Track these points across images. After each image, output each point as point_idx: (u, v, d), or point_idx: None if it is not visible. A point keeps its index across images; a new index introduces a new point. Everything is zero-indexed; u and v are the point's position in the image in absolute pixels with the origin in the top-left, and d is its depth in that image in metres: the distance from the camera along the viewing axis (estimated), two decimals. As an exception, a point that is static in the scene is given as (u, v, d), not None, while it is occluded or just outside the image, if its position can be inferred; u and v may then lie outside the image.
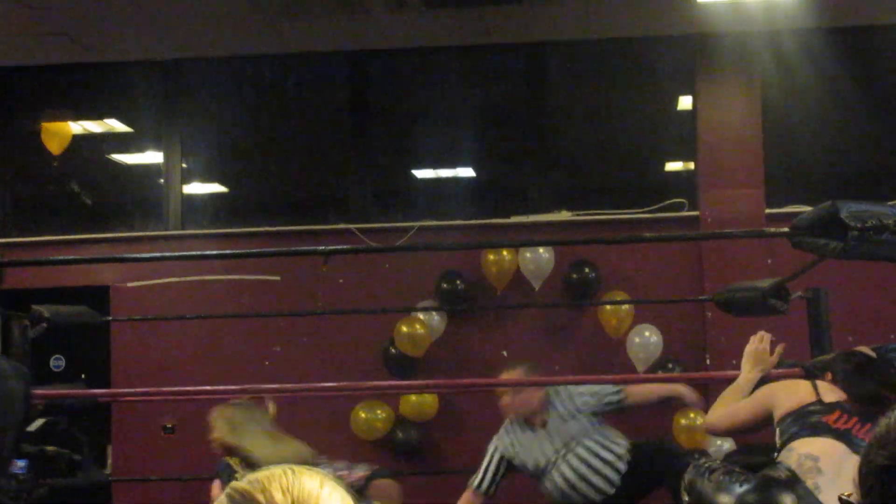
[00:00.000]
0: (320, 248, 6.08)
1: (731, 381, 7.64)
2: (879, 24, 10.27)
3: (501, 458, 7.12)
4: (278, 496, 1.79)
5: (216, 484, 6.83)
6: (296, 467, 1.86)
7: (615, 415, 7.35)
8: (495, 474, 7.13)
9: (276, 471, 1.84)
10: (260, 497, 1.79)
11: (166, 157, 10.99)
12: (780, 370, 5.59)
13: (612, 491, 6.95)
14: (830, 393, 4.76)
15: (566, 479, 6.95)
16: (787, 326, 8.92)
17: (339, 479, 1.89)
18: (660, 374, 9.67)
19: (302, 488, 1.81)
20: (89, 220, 10.97)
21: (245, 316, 9.98)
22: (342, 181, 11.00)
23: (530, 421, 7.08)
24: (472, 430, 10.01)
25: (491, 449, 7.19)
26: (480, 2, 9.51)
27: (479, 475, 7.16)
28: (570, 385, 7.19)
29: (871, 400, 4.54)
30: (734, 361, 9.27)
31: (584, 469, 6.94)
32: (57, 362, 10.74)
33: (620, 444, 7.07)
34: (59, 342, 10.20)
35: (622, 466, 6.99)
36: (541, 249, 9.98)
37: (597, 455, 6.97)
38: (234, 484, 1.84)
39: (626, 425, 9.93)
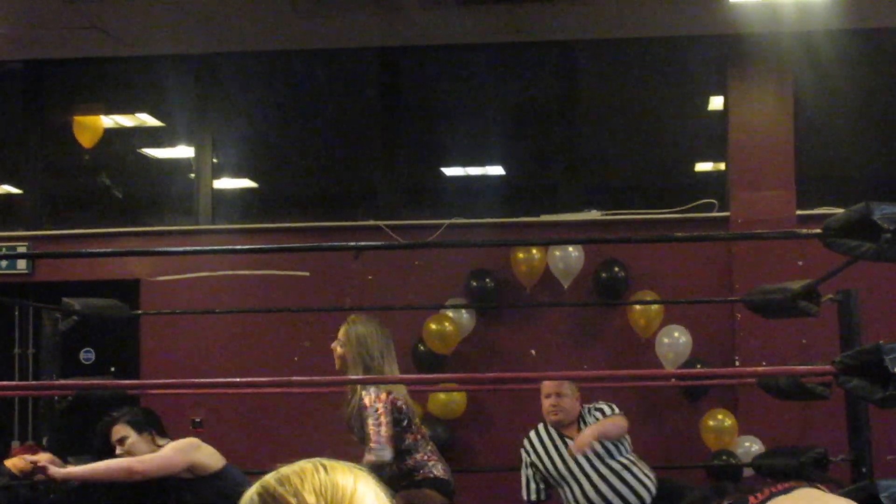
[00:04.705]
0: (351, 243, 6.08)
1: (759, 381, 7.63)
2: (913, 26, 10.22)
3: (527, 463, 7.06)
4: (311, 499, 1.72)
5: None
6: (327, 462, 1.79)
7: None
8: (531, 480, 7.08)
9: (308, 467, 1.77)
10: (292, 500, 1.73)
11: (197, 151, 11.02)
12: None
13: None
14: None
15: (587, 497, 6.83)
16: (817, 329, 8.91)
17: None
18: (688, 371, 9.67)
19: (336, 487, 1.74)
20: (120, 214, 11.02)
21: (274, 311, 9.98)
22: (372, 178, 11.01)
23: (561, 429, 7.02)
24: (499, 429, 10.02)
25: (522, 455, 7.15)
26: (513, -1, 9.51)
27: (523, 486, 7.12)
28: (601, 404, 7.06)
29: None
30: (763, 363, 9.31)
31: (606, 490, 6.81)
32: (87, 355, 10.78)
33: (649, 477, 6.90)
34: (90, 335, 10.25)
35: (647, 498, 6.85)
36: (570, 248, 9.96)
37: (623, 480, 6.84)
38: (263, 482, 1.77)
39: (653, 428, 9.95)
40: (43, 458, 6.91)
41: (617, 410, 6.94)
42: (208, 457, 6.39)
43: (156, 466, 6.27)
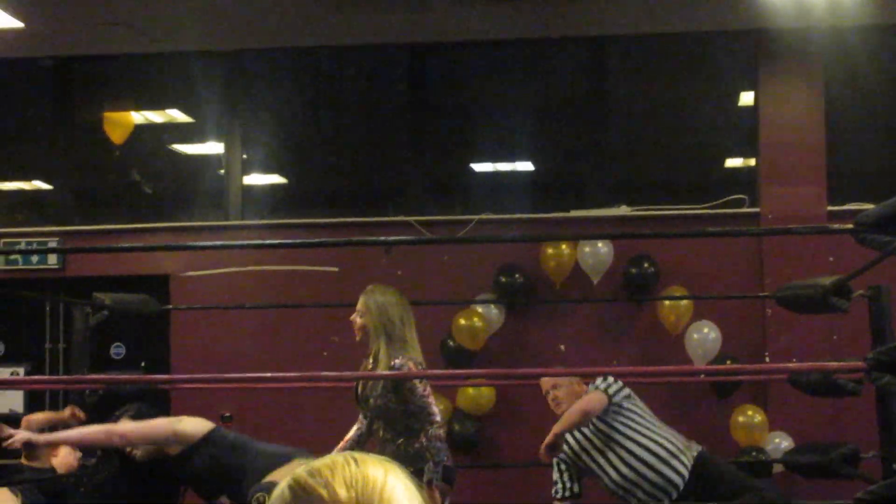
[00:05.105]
0: (382, 238, 6.08)
1: (790, 377, 7.60)
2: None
3: (559, 459, 6.97)
4: (342, 492, 1.71)
5: None
6: (358, 455, 1.78)
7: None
8: (562, 475, 7.00)
9: (339, 460, 1.76)
10: (323, 492, 1.71)
11: (227, 147, 11.05)
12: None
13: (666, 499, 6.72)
14: None
15: (613, 481, 6.75)
16: (848, 325, 8.87)
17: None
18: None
19: (366, 480, 1.73)
20: (150, 210, 11.06)
21: (303, 306, 9.98)
22: (401, 173, 11.01)
23: None
24: (528, 424, 10.00)
25: None
26: (542, -5, 9.51)
27: (554, 482, 7.03)
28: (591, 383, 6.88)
29: None
30: (794, 359, 9.27)
31: (628, 472, 6.70)
32: (117, 349, 10.83)
33: (677, 457, 6.72)
34: (120, 330, 10.28)
35: (675, 478, 6.80)
36: (600, 244, 9.94)
37: (642, 460, 6.71)
38: (295, 475, 1.76)
39: (682, 424, 9.91)
40: (42, 417, 7.00)
41: (599, 383, 6.65)
42: (193, 426, 6.45)
43: (132, 431, 6.34)
